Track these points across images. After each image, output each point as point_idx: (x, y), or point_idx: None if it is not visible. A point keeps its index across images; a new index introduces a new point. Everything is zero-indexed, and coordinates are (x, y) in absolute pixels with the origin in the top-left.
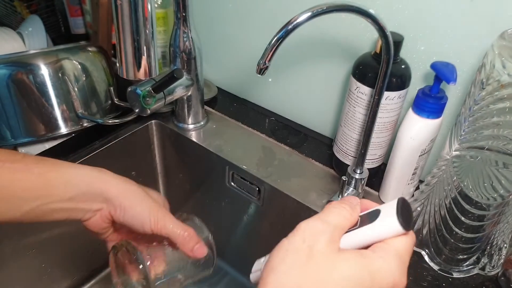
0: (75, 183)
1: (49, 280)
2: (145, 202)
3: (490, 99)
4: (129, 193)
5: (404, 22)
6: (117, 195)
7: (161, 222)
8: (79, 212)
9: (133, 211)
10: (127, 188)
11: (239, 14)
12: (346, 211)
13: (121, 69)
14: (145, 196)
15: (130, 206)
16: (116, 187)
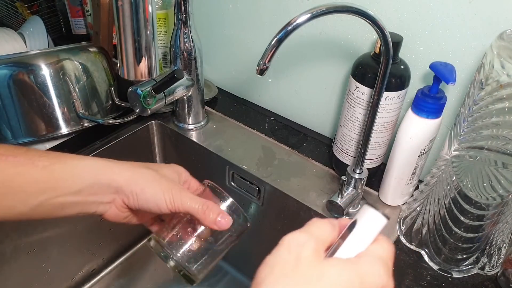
0: (82, 175)
1: (49, 280)
2: (156, 183)
3: (489, 99)
4: (137, 178)
5: (403, 22)
6: (126, 182)
7: (177, 200)
8: (90, 205)
9: (146, 195)
10: (135, 173)
11: (239, 15)
12: (327, 226)
13: (122, 69)
14: (155, 177)
15: (141, 191)
16: (123, 174)
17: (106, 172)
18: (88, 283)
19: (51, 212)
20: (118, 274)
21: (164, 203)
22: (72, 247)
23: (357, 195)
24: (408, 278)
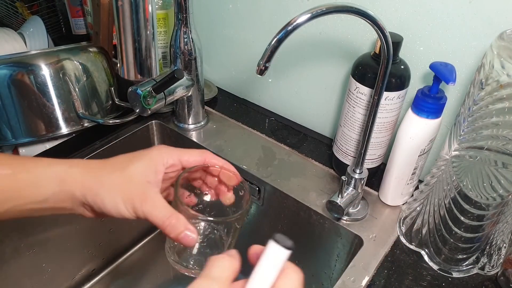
0: (45, 184)
1: (49, 280)
2: (117, 193)
3: (489, 99)
4: (98, 188)
5: (403, 22)
6: (88, 193)
7: (138, 211)
8: (62, 210)
9: (106, 207)
10: (97, 182)
11: (240, 15)
12: (226, 262)
13: (122, 69)
14: (118, 184)
15: (101, 202)
16: (85, 184)
17: (69, 181)
18: (88, 283)
19: (21, 216)
20: (118, 274)
21: (126, 213)
22: (72, 247)
23: (357, 195)
24: (408, 278)
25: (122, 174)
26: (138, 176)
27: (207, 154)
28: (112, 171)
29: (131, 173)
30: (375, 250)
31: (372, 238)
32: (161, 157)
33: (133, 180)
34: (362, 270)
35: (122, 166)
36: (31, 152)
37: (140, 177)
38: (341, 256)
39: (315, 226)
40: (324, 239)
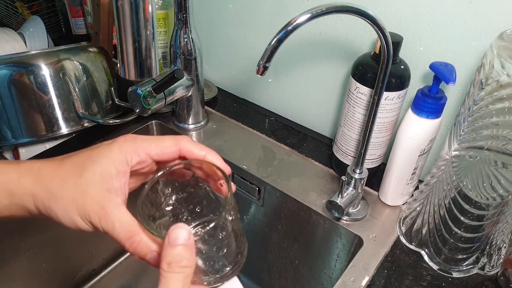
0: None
1: (49, 280)
2: (71, 207)
3: (489, 99)
4: (50, 203)
5: (403, 22)
6: (38, 205)
7: (99, 227)
8: (21, 217)
9: (63, 222)
10: (47, 194)
11: (240, 15)
12: (182, 275)
13: (122, 69)
14: (71, 195)
15: (57, 218)
16: (37, 197)
17: (19, 194)
18: (88, 283)
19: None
20: (118, 274)
21: (86, 227)
22: (72, 247)
23: (357, 195)
24: (408, 278)
25: (76, 184)
26: (95, 185)
27: (182, 141)
28: (65, 179)
29: (87, 181)
30: (375, 250)
31: (372, 238)
32: (124, 156)
33: (89, 191)
34: (362, 270)
35: (77, 171)
36: (31, 152)
37: (98, 187)
38: (341, 256)
39: (315, 226)
40: (324, 239)
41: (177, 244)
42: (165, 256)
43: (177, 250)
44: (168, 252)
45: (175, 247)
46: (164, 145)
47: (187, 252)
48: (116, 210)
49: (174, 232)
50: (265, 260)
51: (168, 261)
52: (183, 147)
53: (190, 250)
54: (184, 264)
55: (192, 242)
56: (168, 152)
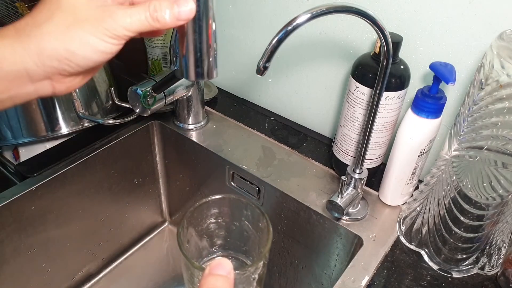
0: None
1: (49, 280)
2: (78, 30)
3: (489, 99)
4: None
5: (403, 22)
6: (44, 58)
7: (114, 30)
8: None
9: (76, 53)
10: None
11: (240, 15)
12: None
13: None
14: (71, 21)
15: (71, 53)
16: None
17: (9, 62)
18: (88, 283)
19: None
20: (118, 274)
21: (102, 44)
22: (72, 247)
23: (357, 195)
24: (408, 278)
25: (60, 11)
26: (78, 0)
27: None
28: (53, 14)
29: (70, 2)
30: (375, 250)
31: (372, 238)
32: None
33: (77, 7)
34: (362, 270)
35: (54, 5)
36: (31, 152)
37: (82, 0)
38: (341, 256)
39: (315, 226)
40: (324, 239)
41: (219, 274)
42: (205, 283)
43: (218, 279)
44: (208, 280)
45: (216, 277)
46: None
47: (226, 283)
48: (118, 7)
49: (217, 264)
50: None
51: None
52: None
53: (229, 283)
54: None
55: (232, 276)
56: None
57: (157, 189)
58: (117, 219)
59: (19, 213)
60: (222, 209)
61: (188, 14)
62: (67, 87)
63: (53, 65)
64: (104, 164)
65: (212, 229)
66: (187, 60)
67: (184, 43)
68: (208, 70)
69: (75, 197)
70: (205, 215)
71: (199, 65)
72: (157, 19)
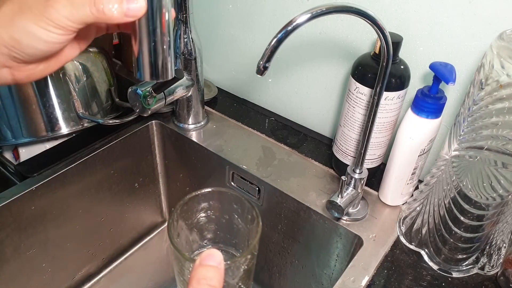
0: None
1: (49, 280)
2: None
3: (489, 99)
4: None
5: (403, 22)
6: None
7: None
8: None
9: (22, 42)
10: None
11: (240, 15)
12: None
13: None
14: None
15: (12, 40)
16: None
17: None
18: (88, 283)
19: None
20: (118, 274)
21: (47, 35)
22: (72, 247)
23: (357, 195)
24: (408, 278)
25: (9, 0)
26: None
27: None
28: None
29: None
30: (375, 250)
31: (372, 238)
32: None
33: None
34: (362, 270)
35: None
36: (31, 152)
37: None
38: (341, 256)
39: (315, 226)
40: (324, 239)
41: (210, 265)
42: (196, 274)
43: (209, 270)
44: (199, 270)
45: (207, 267)
46: None
47: (217, 274)
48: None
49: (207, 254)
50: (265, 260)
51: (198, 278)
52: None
53: (220, 274)
54: (213, 283)
55: (222, 267)
56: None
57: (157, 189)
58: (117, 219)
59: (19, 213)
60: (212, 203)
61: (136, 12)
62: (27, 76)
63: (3, 52)
64: (104, 164)
65: (202, 222)
66: (141, 60)
67: (137, 41)
68: (163, 69)
69: (75, 197)
70: (195, 209)
71: (153, 65)
72: (102, 11)
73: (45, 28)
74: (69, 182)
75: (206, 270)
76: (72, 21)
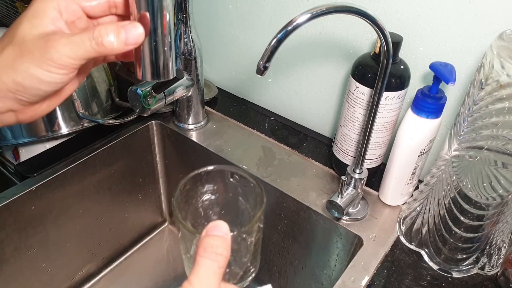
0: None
1: (49, 280)
2: (21, 62)
3: (489, 99)
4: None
5: (403, 22)
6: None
7: (58, 55)
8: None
9: (24, 83)
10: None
11: (240, 15)
12: (216, 263)
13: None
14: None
15: (13, 83)
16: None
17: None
18: (88, 283)
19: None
20: (118, 274)
21: (50, 76)
22: (72, 247)
23: (357, 195)
24: (408, 278)
25: (11, 45)
26: (28, 33)
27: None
28: (1, 49)
29: (20, 35)
30: (375, 250)
31: (372, 238)
32: (48, 3)
33: (25, 40)
34: (362, 270)
35: (8, 39)
36: (31, 152)
37: (33, 33)
38: (341, 256)
39: (315, 226)
40: (324, 239)
41: (215, 235)
42: (202, 243)
43: (215, 239)
44: (205, 240)
45: (213, 237)
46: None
47: (223, 243)
48: (65, 34)
49: (213, 225)
50: (265, 260)
51: (204, 247)
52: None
53: (226, 243)
54: (220, 251)
55: (229, 237)
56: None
57: (157, 189)
58: (117, 219)
59: (19, 213)
60: (215, 181)
61: (136, 39)
62: (30, 116)
63: (8, 96)
64: (104, 164)
65: (206, 202)
66: (142, 60)
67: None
68: (164, 69)
69: (75, 197)
70: (198, 189)
71: (154, 65)
72: (102, 44)
73: (47, 70)
74: (69, 182)
75: (212, 239)
76: (73, 58)
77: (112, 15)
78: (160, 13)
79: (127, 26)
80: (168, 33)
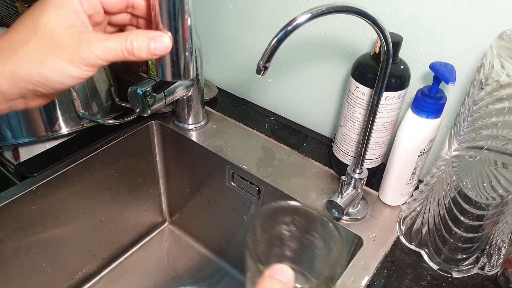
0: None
1: (49, 279)
2: (52, 56)
3: (489, 99)
4: (21, 68)
5: (403, 22)
6: (11, 83)
7: (90, 59)
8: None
9: (50, 82)
10: (16, 64)
11: (240, 15)
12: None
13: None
14: (45, 51)
15: (39, 77)
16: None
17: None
18: (88, 283)
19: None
20: (118, 274)
21: (78, 73)
22: (72, 247)
23: (357, 195)
24: (408, 278)
25: (37, 35)
26: (63, 28)
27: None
28: (25, 39)
29: (52, 31)
30: (375, 250)
31: (372, 238)
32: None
33: (54, 33)
34: (362, 270)
35: (31, 28)
36: (31, 152)
37: (61, 25)
38: None
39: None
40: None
41: (278, 278)
42: (263, 284)
43: (276, 282)
44: (266, 281)
45: (275, 280)
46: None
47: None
48: (94, 32)
49: (279, 268)
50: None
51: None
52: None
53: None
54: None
55: (292, 285)
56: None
57: (157, 189)
58: (117, 219)
59: (19, 213)
60: (295, 218)
61: (162, 50)
62: (39, 103)
63: (27, 87)
64: (104, 164)
65: (283, 237)
66: (163, 61)
67: None
68: (184, 70)
69: (75, 197)
70: (276, 222)
71: (175, 65)
72: (133, 53)
73: (77, 67)
74: (69, 182)
75: (273, 282)
76: (103, 60)
77: (127, 13)
78: (182, 17)
79: (157, 38)
80: (190, 37)
